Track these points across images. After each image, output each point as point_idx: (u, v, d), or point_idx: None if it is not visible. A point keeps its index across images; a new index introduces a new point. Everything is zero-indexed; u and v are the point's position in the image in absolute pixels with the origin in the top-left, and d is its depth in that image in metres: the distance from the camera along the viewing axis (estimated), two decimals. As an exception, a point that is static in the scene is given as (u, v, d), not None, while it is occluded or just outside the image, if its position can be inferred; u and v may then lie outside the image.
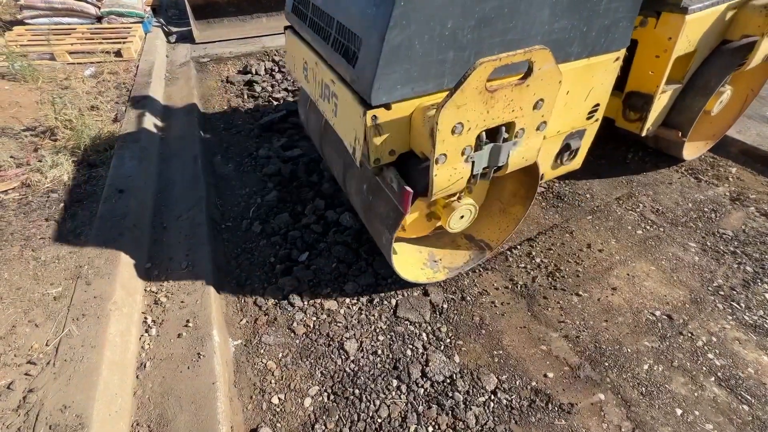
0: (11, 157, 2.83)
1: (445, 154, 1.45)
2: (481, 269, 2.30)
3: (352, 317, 2.05)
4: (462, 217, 1.92)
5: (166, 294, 2.03)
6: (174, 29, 5.92)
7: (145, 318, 1.93)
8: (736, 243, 2.42)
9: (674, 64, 2.29)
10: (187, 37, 5.62)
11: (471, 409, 1.68)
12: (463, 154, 1.50)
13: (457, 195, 1.88)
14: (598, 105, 2.11)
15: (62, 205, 2.47)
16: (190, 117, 3.65)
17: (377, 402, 1.71)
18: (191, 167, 2.95)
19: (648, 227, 2.56)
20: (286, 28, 2.38)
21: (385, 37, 1.31)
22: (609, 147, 3.19)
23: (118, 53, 4.65)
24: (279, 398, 1.72)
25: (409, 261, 2.21)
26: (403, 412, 1.67)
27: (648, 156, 3.13)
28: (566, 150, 2.22)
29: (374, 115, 1.48)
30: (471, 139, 1.47)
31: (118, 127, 3.25)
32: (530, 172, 1.99)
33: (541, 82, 1.45)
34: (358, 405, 1.70)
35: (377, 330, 1.99)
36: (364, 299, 2.12)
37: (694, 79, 2.47)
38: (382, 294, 2.15)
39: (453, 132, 1.39)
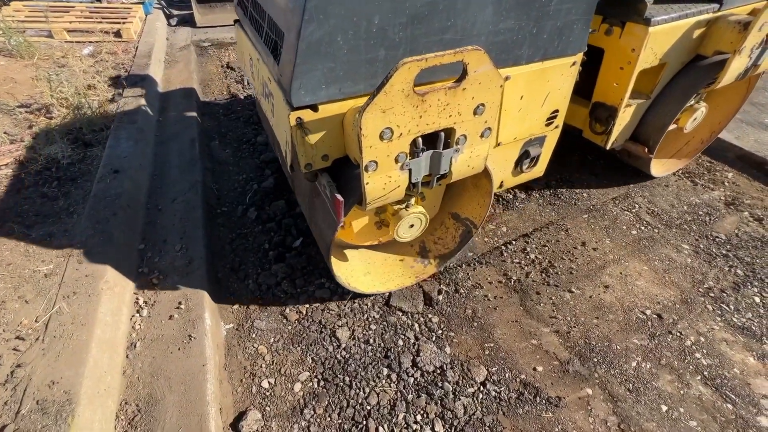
0: (5, 133, 2.79)
1: (375, 161, 1.34)
2: (475, 263, 2.31)
3: (344, 305, 2.05)
4: (412, 226, 1.82)
5: (158, 275, 2.02)
6: (175, 12, 5.84)
7: (137, 298, 1.92)
8: (728, 246, 2.44)
9: (642, 77, 2.21)
10: (188, 21, 5.55)
11: (460, 399, 1.69)
12: (396, 161, 1.39)
13: (406, 203, 1.77)
14: (557, 111, 2.01)
15: (56, 183, 2.44)
16: (189, 101, 3.62)
17: (367, 389, 1.71)
18: (188, 151, 2.92)
19: (642, 228, 2.57)
20: (235, 21, 2.32)
21: (300, 32, 1.21)
22: (608, 147, 3.20)
23: (117, 33, 4.59)
24: (269, 382, 1.73)
25: (396, 262, 2.18)
26: (392, 400, 1.68)
27: (646, 158, 3.15)
28: (526, 157, 2.12)
29: (299, 117, 1.37)
30: (404, 146, 1.37)
31: (115, 107, 3.21)
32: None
33: (479, 86, 1.34)
34: (348, 392, 1.71)
35: (369, 319, 2.00)
36: (357, 288, 2.12)
37: (662, 95, 2.37)
38: (376, 284, 2.15)
39: (381, 138, 1.28)
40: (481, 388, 1.73)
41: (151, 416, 1.50)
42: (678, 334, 1.96)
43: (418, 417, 1.63)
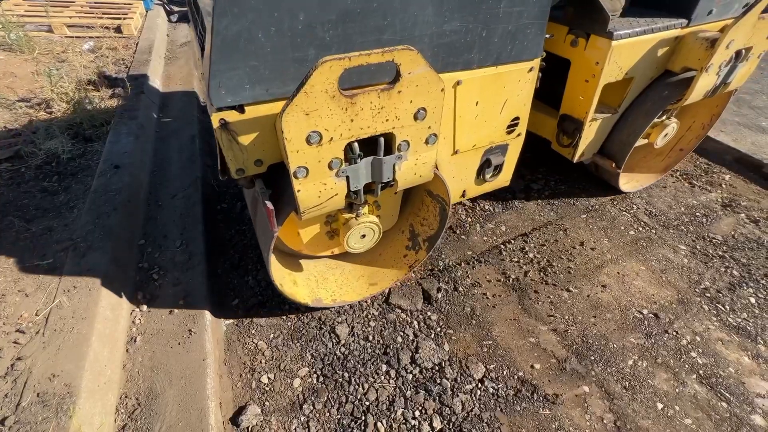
0: (5, 127, 2.79)
1: (304, 167, 1.28)
2: (474, 261, 2.32)
3: (344, 302, 2.06)
4: (363, 236, 1.76)
5: (159, 271, 2.03)
6: (176, 8, 5.83)
7: (137, 293, 1.92)
8: (724, 248, 2.47)
9: (610, 91, 2.17)
10: (188, 17, 5.54)
11: (458, 395, 1.70)
12: (330, 167, 1.33)
13: (355, 212, 1.70)
14: (517, 119, 1.95)
15: (56, 177, 2.44)
16: (190, 97, 3.62)
17: (366, 385, 1.73)
18: (189, 147, 2.92)
19: (640, 228, 2.59)
20: (189, 22, 2.31)
21: (213, 26, 1.12)
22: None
23: (117, 29, 4.58)
24: (268, 378, 1.74)
25: (389, 256, 2.17)
26: (391, 396, 1.69)
27: (644, 159, 3.16)
28: (487, 166, 2.06)
29: (222, 118, 1.27)
30: (337, 151, 1.30)
31: (116, 103, 3.20)
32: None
33: (417, 89, 1.28)
34: (347, 387, 1.72)
35: (369, 316, 2.01)
36: (357, 285, 2.13)
37: (630, 110, 2.33)
38: (376, 281, 2.16)
39: (309, 142, 1.22)
40: (479, 385, 1.75)
41: (151, 410, 1.51)
42: (674, 333, 1.98)
43: (417, 413, 1.64)
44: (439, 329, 1.96)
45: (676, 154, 2.99)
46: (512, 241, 2.46)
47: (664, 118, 2.45)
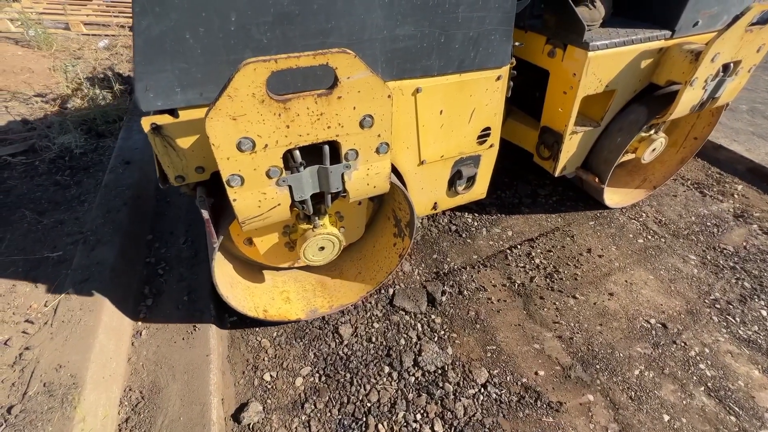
0: (21, 121, 2.85)
1: (238, 176, 1.22)
2: (480, 266, 2.31)
3: (348, 303, 2.06)
4: (322, 248, 1.68)
5: (165, 266, 2.05)
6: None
7: (144, 288, 1.94)
8: (736, 259, 2.42)
9: (592, 103, 2.11)
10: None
11: (460, 400, 1.69)
12: (269, 176, 1.26)
13: (313, 224, 1.63)
14: (488, 129, 1.86)
15: (68, 171, 2.48)
16: (201, 96, 3.66)
17: (368, 386, 1.72)
18: (198, 145, 2.95)
19: (649, 237, 2.56)
20: None
21: (134, 25, 1.07)
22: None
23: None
24: (271, 375, 1.74)
25: (383, 246, 2.11)
26: (392, 398, 1.69)
27: (655, 167, 3.12)
28: (458, 177, 1.98)
29: (153, 123, 1.22)
30: (274, 159, 1.23)
31: (129, 99, 3.25)
32: None
33: (359, 95, 1.21)
34: (349, 388, 1.71)
35: (373, 317, 2.00)
36: (361, 286, 2.13)
37: (613, 123, 2.24)
38: (380, 282, 2.15)
39: (240, 149, 1.16)
40: (482, 390, 1.73)
41: (154, 404, 1.52)
42: (682, 344, 1.95)
43: (418, 416, 1.63)
44: (442, 332, 1.95)
45: (691, 143, 2.84)
46: (518, 246, 2.44)
47: (651, 132, 2.38)
